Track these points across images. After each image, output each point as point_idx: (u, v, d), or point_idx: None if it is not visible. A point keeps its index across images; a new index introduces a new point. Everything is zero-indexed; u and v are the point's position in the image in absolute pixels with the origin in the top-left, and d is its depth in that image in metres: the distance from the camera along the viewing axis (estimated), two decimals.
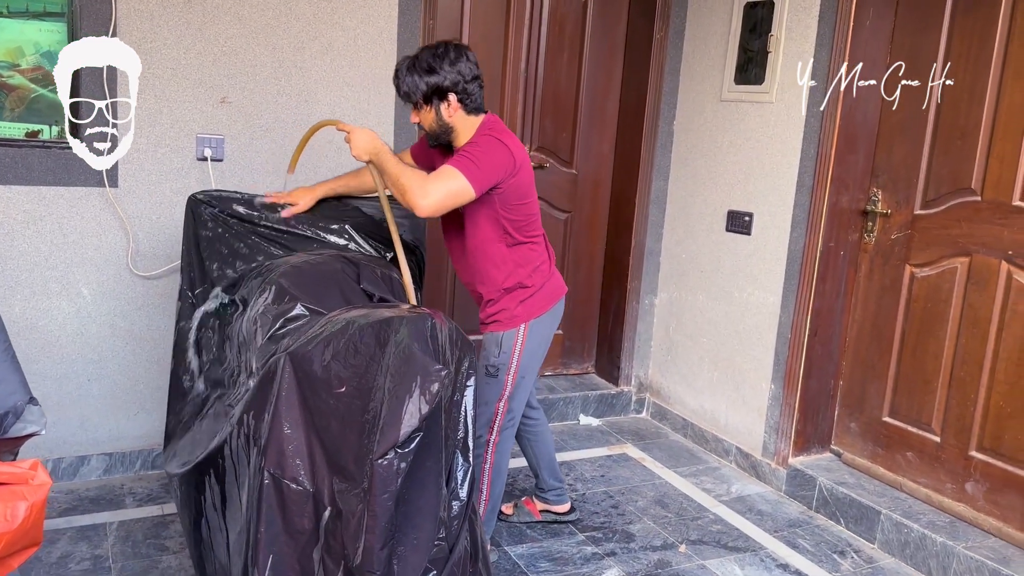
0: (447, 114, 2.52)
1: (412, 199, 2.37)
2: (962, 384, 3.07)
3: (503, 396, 2.68)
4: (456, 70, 2.48)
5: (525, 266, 2.64)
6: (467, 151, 2.45)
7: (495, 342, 2.66)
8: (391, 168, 2.42)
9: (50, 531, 2.82)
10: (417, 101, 2.51)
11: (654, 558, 2.95)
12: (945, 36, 3.09)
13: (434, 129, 2.55)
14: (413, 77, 2.48)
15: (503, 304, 2.65)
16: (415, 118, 2.57)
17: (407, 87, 2.50)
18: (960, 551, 2.85)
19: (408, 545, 1.81)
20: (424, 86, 2.48)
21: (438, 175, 2.40)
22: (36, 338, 3.04)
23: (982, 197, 3.01)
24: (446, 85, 2.47)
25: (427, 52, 2.50)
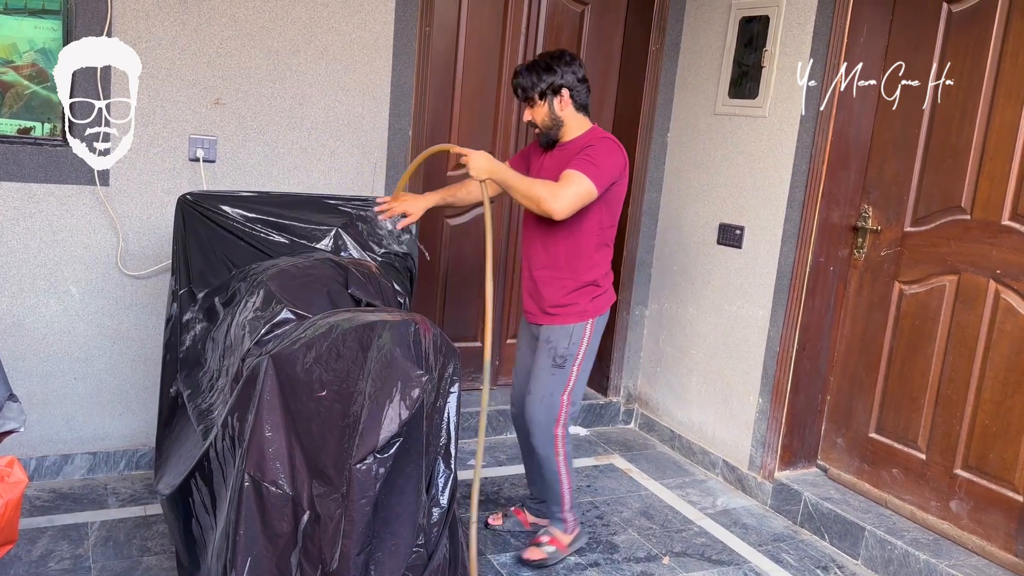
0: (559, 108, 2.76)
1: (547, 206, 2.59)
2: (948, 402, 3.07)
3: (568, 388, 2.83)
4: (570, 70, 2.77)
5: (602, 267, 2.85)
6: (587, 155, 2.68)
7: (565, 334, 2.81)
8: (518, 183, 2.64)
9: (31, 529, 2.81)
10: (532, 97, 2.76)
11: (637, 570, 2.95)
12: (938, 54, 3.11)
13: (547, 123, 2.79)
14: (533, 76, 2.75)
15: (575, 298, 2.81)
16: (528, 115, 2.81)
17: (528, 83, 2.75)
18: (943, 569, 2.85)
19: (386, 551, 1.80)
20: (542, 82, 2.74)
21: (566, 181, 2.62)
22: (23, 335, 3.03)
23: (972, 216, 3.02)
24: (561, 82, 2.74)
25: (546, 55, 2.79)
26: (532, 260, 2.86)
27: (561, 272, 2.81)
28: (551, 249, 2.81)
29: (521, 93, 2.79)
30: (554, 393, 2.82)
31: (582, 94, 2.80)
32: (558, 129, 2.80)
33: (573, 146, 2.78)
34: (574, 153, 2.73)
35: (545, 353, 2.83)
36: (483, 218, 2.65)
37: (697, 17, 3.93)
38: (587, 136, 2.79)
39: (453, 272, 4.05)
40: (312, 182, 3.38)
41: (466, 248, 4.05)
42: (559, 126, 2.80)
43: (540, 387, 2.83)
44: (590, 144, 2.72)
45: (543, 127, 2.81)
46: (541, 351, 2.84)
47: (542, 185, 2.62)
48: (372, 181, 3.49)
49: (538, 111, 2.78)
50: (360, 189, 3.46)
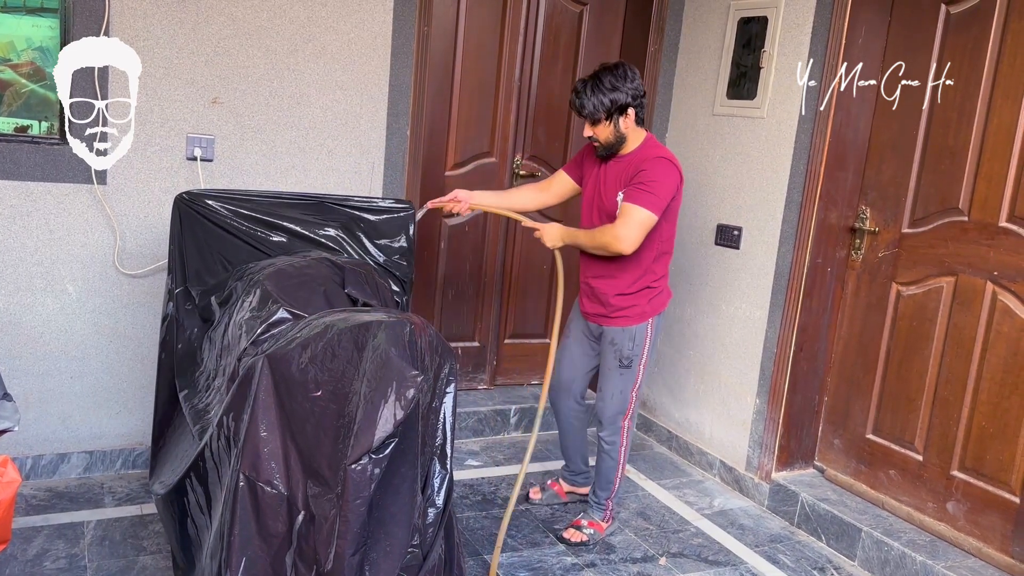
0: (624, 126, 2.84)
1: (616, 249, 2.78)
2: (946, 403, 3.07)
3: (636, 385, 3.04)
4: (634, 87, 2.82)
5: (658, 272, 2.99)
6: (641, 182, 2.77)
7: (628, 336, 2.98)
8: (587, 239, 2.87)
9: (27, 528, 2.80)
10: (599, 117, 2.82)
11: (634, 570, 2.95)
12: (936, 55, 3.11)
13: (610, 140, 2.87)
14: (598, 96, 2.79)
15: (634, 301, 2.95)
16: (590, 132, 2.88)
17: (592, 106, 2.80)
18: (940, 570, 2.85)
19: (380, 551, 1.80)
20: (608, 103, 2.80)
21: (626, 218, 2.77)
22: (19, 334, 3.03)
23: (969, 217, 3.02)
24: (626, 101, 2.81)
25: (607, 73, 2.81)
26: (588, 269, 3.01)
27: (617, 278, 2.94)
28: (610, 262, 2.93)
29: (588, 115, 2.83)
30: (624, 391, 3.03)
31: (642, 109, 2.88)
32: (620, 145, 2.89)
33: (632, 159, 2.88)
34: (632, 167, 2.84)
35: (611, 354, 3.00)
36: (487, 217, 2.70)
37: (696, 18, 3.93)
38: (644, 150, 2.88)
39: (450, 272, 4.05)
40: (310, 181, 3.38)
41: (464, 249, 4.05)
42: (622, 142, 2.88)
43: (611, 385, 3.03)
44: (644, 166, 2.80)
45: (606, 144, 2.88)
46: (607, 352, 3.02)
47: (602, 232, 2.81)
48: (370, 180, 3.49)
49: (603, 130, 2.85)
50: (358, 188, 3.46)
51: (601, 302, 2.98)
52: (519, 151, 4.07)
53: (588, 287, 3.02)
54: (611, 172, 2.92)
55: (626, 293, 2.94)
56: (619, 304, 2.95)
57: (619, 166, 2.90)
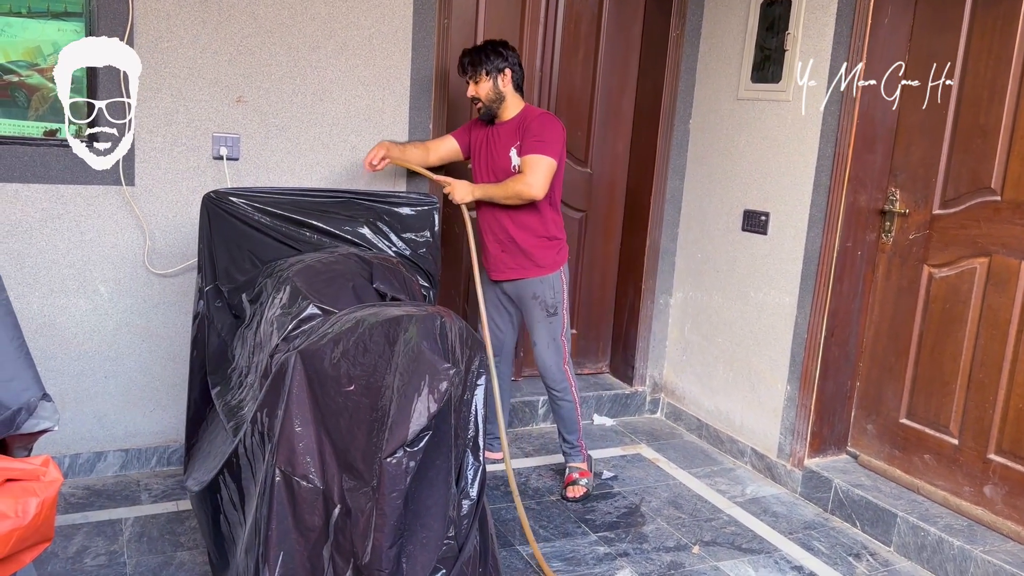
0: (503, 84, 3.17)
1: (528, 195, 3.08)
2: (981, 386, 3.03)
3: (564, 330, 3.29)
4: (512, 54, 3.21)
5: (558, 222, 3.28)
6: (536, 136, 3.09)
7: (548, 285, 3.25)
8: (497, 191, 3.14)
9: (67, 526, 2.85)
10: (480, 75, 3.15)
11: (667, 559, 2.94)
12: (965, 33, 3.05)
13: (490, 97, 3.18)
14: (480, 57, 3.15)
15: (543, 251, 3.24)
16: (473, 91, 3.19)
17: (475, 65, 3.14)
18: (978, 555, 2.82)
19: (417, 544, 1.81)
20: (488, 62, 3.15)
21: (531, 166, 3.08)
22: (54, 335, 3.07)
23: (1002, 197, 2.97)
24: (504, 65, 3.16)
25: (490, 43, 3.20)
26: (505, 227, 3.23)
27: (524, 231, 3.21)
28: (511, 212, 3.20)
29: (471, 74, 3.17)
30: (556, 337, 3.28)
31: (518, 75, 3.21)
32: (499, 104, 3.19)
33: (517, 121, 3.19)
34: (520, 126, 3.16)
35: (537, 308, 3.27)
36: None
37: (718, 1, 3.89)
38: (527, 112, 3.21)
39: None
40: (334, 177, 3.39)
41: None
42: (501, 101, 3.19)
43: (543, 337, 3.29)
44: (532, 124, 3.12)
45: (487, 101, 3.19)
46: (531, 307, 3.27)
47: (510, 183, 3.11)
48: (394, 175, 3.49)
49: (482, 87, 3.17)
50: (382, 184, 3.47)
51: (522, 254, 3.22)
52: None
53: (505, 244, 3.23)
54: (499, 134, 3.21)
55: (542, 238, 3.22)
56: (537, 253, 3.22)
57: (505, 128, 3.20)
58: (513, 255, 3.24)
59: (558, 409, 3.37)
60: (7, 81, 2.93)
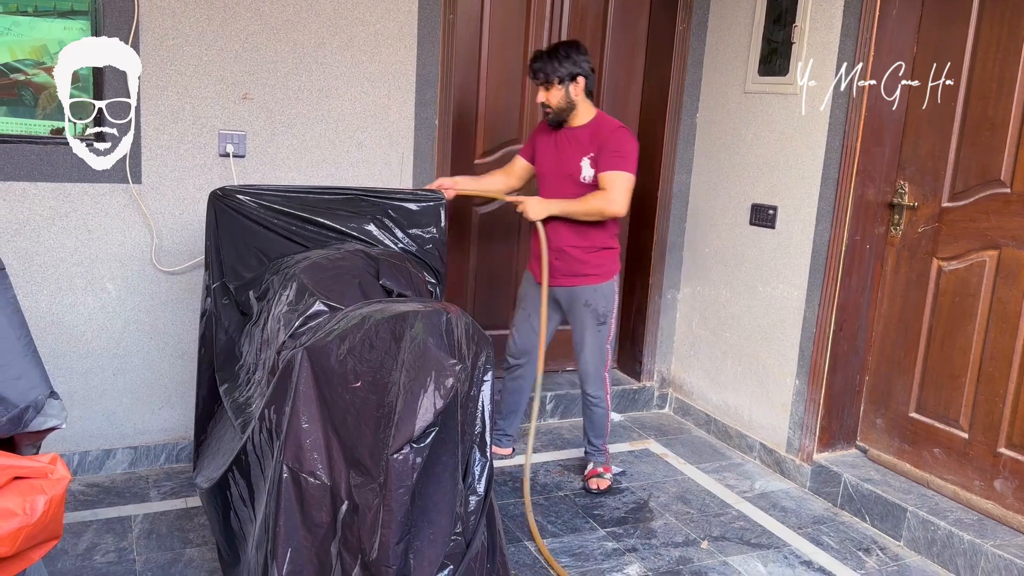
0: (574, 93, 3.12)
1: (609, 213, 3.09)
2: (991, 380, 3.01)
3: (610, 338, 3.33)
4: (585, 60, 3.13)
5: (615, 232, 3.28)
6: (616, 152, 3.08)
7: (602, 295, 3.25)
8: (575, 207, 3.11)
9: (76, 523, 2.86)
10: (552, 82, 3.10)
11: (676, 554, 2.94)
12: (973, 25, 3.03)
13: (560, 106, 3.14)
14: (553, 63, 3.08)
15: (600, 259, 3.23)
16: (543, 97, 3.15)
17: (547, 71, 3.09)
18: (988, 549, 2.80)
19: (424, 540, 1.81)
20: (562, 69, 3.08)
21: (612, 183, 3.07)
22: (62, 333, 3.08)
23: (1012, 189, 2.95)
24: (578, 71, 3.10)
25: (563, 46, 3.13)
26: (562, 236, 3.19)
27: (583, 240, 3.19)
28: (578, 228, 3.18)
29: (543, 79, 3.11)
30: (602, 346, 3.29)
31: (591, 82, 3.16)
32: (570, 111, 3.14)
33: (589, 129, 3.15)
34: (593, 136, 3.12)
35: (588, 315, 3.24)
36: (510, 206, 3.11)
37: None
38: (600, 121, 3.17)
39: (482, 261, 4.05)
40: (341, 174, 3.39)
41: (495, 237, 4.05)
42: (571, 109, 3.14)
43: (591, 343, 3.28)
44: (611, 136, 3.10)
45: (557, 109, 3.14)
46: (582, 314, 3.25)
47: (592, 199, 3.09)
48: (400, 171, 3.49)
49: (554, 94, 3.12)
50: (388, 180, 3.47)
51: (578, 262, 3.20)
52: None
53: (562, 252, 3.20)
54: (569, 140, 3.18)
55: (600, 248, 3.21)
56: (594, 262, 3.21)
57: (576, 135, 3.17)
58: (569, 263, 3.21)
59: (591, 414, 3.38)
60: (14, 80, 2.94)
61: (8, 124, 2.94)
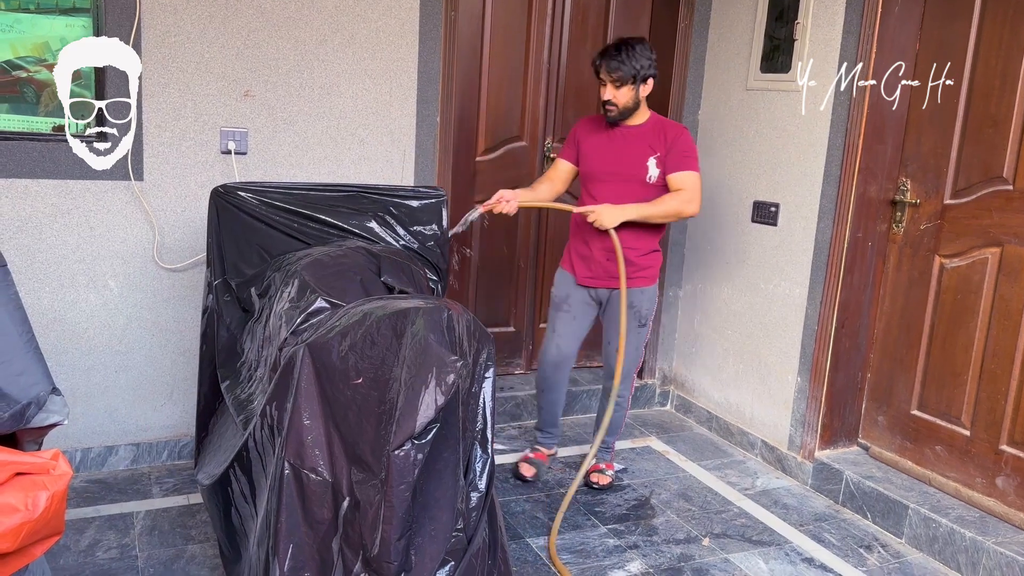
0: (643, 93, 3.07)
1: (688, 213, 3.10)
2: (993, 377, 3.01)
3: (646, 341, 3.34)
4: (654, 61, 3.07)
5: (661, 234, 3.25)
6: (684, 153, 3.08)
7: (647, 297, 3.22)
8: (652, 210, 3.06)
9: (79, 519, 2.86)
10: (627, 81, 3.00)
11: (677, 551, 2.94)
12: (976, 22, 3.02)
13: (627, 106, 3.06)
14: (632, 61, 3.00)
15: (650, 262, 3.20)
16: (611, 94, 3.04)
17: (625, 69, 2.99)
18: (990, 546, 2.80)
19: (425, 536, 1.81)
20: (639, 68, 3.01)
21: (690, 185, 3.07)
22: (64, 330, 3.09)
23: (1014, 186, 2.94)
24: (651, 72, 3.05)
25: (638, 43, 3.05)
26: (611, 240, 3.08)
27: (642, 243, 3.15)
28: (634, 229, 3.11)
29: (618, 77, 3.00)
30: (639, 347, 3.28)
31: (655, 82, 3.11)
32: (633, 112, 3.08)
33: (651, 129, 3.11)
34: (652, 138, 3.09)
35: (631, 317, 3.17)
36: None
37: None
38: (660, 121, 3.14)
39: (484, 258, 4.05)
40: (342, 171, 3.39)
41: (497, 233, 4.05)
42: (635, 110, 3.09)
43: (629, 345, 3.20)
44: (677, 136, 3.08)
45: (623, 109, 3.06)
46: (625, 315, 3.12)
47: (672, 200, 3.07)
48: (402, 168, 3.49)
49: (624, 94, 3.03)
50: (390, 177, 3.47)
51: (629, 264, 3.11)
52: (550, 134, 4.04)
53: (613, 252, 3.10)
54: (628, 139, 3.11)
55: (648, 252, 3.17)
56: (643, 263, 3.16)
57: (636, 134, 3.11)
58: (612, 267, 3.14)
59: (612, 413, 3.27)
60: (16, 77, 2.94)
61: (10, 121, 2.94)
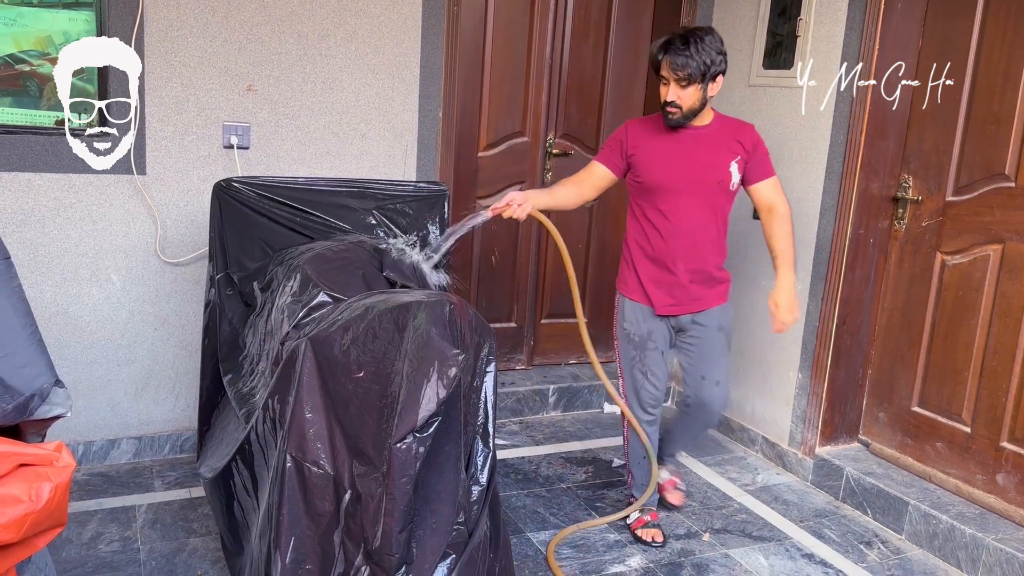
0: (711, 93, 2.67)
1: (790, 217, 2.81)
2: (994, 374, 3.01)
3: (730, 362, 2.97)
4: (725, 54, 2.68)
5: None
6: (766, 156, 2.80)
7: (730, 315, 2.91)
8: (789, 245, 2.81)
9: (81, 512, 2.87)
10: (696, 80, 2.61)
11: (677, 547, 2.94)
12: (979, 19, 3.02)
13: (693, 108, 2.67)
14: (702, 56, 2.59)
15: (726, 276, 2.88)
16: (675, 95, 2.64)
17: (695, 66, 2.59)
18: (990, 543, 2.81)
19: (427, 528, 1.82)
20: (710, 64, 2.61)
21: (780, 192, 2.81)
22: (67, 323, 3.10)
23: (1016, 183, 2.94)
24: (722, 68, 2.66)
25: (707, 34, 2.63)
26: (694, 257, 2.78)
27: (718, 257, 2.84)
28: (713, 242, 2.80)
29: (686, 75, 2.60)
30: (728, 371, 2.93)
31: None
32: (698, 113, 2.69)
33: (724, 130, 2.76)
34: (727, 140, 2.74)
35: (721, 339, 2.85)
36: None
37: None
38: (727, 120, 2.80)
39: (485, 253, 4.05)
40: (344, 166, 3.40)
41: (498, 229, 4.05)
42: (702, 110, 2.69)
43: (721, 371, 2.87)
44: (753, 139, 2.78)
45: (687, 111, 2.67)
46: (715, 339, 2.83)
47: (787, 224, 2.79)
48: (403, 163, 3.49)
49: (691, 94, 2.63)
50: (391, 172, 3.47)
51: (713, 281, 2.81)
52: (552, 130, 4.05)
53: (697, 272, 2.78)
54: (700, 143, 2.73)
55: (722, 263, 2.87)
56: (722, 276, 2.85)
57: (707, 136, 2.74)
58: (704, 283, 2.80)
59: (702, 433, 3.11)
60: (19, 70, 2.94)
61: (13, 115, 2.95)
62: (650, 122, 2.82)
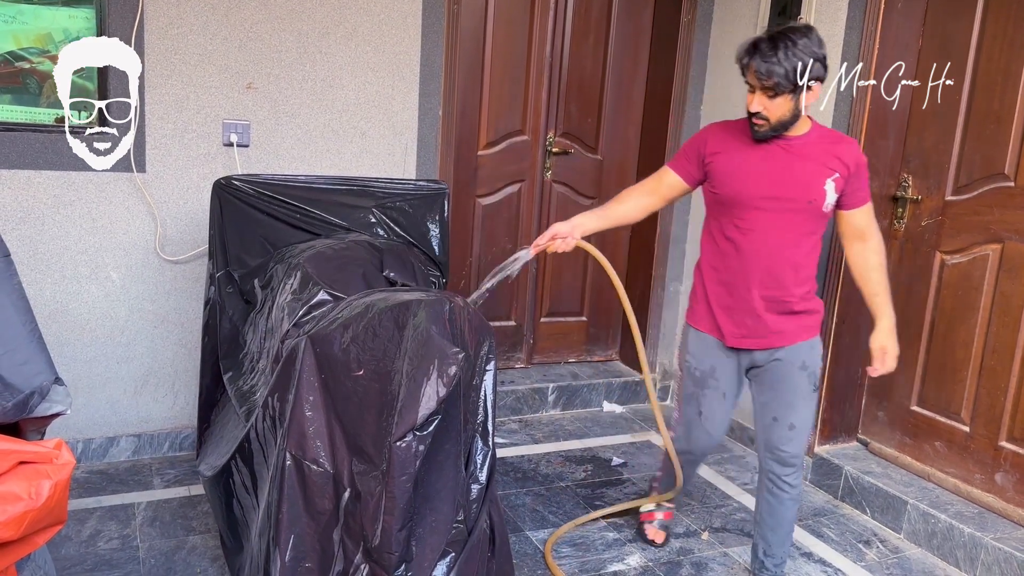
0: (808, 102, 2.27)
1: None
2: (993, 373, 3.02)
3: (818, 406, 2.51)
4: (825, 56, 2.25)
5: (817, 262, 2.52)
6: (866, 179, 2.39)
7: (817, 352, 2.48)
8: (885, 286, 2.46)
9: (80, 510, 2.87)
10: (786, 89, 2.21)
11: (676, 545, 2.95)
12: (979, 19, 3.02)
13: (783, 120, 2.28)
14: (792, 61, 2.18)
15: (813, 306, 2.46)
16: (760, 106, 2.26)
17: (783, 73, 2.19)
18: (988, 542, 2.81)
19: (426, 527, 1.82)
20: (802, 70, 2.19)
21: (874, 224, 2.44)
22: (66, 321, 3.10)
23: (1016, 183, 2.94)
24: (820, 73, 2.23)
25: (799, 35, 2.20)
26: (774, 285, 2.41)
27: (805, 282, 2.44)
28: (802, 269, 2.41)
29: (773, 84, 2.21)
30: (813, 417, 2.52)
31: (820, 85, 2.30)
32: (790, 126, 2.30)
33: (810, 144, 2.34)
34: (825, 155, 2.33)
35: (804, 380, 2.44)
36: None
37: None
38: (827, 131, 2.40)
39: (485, 252, 4.05)
40: (344, 164, 3.40)
41: (498, 228, 4.05)
42: (794, 123, 2.30)
43: (805, 417, 2.47)
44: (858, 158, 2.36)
45: (776, 124, 2.28)
46: (797, 379, 2.44)
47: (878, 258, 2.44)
48: (403, 162, 3.49)
49: (780, 105, 2.24)
50: (391, 170, 3.47)
51: (792, 313, 2.42)
52: (552, 128, 4.05)
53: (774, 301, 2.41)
54: (793, 156, 2.33)
55: (811, 292, 2.44)
56: (810, 307, 2.45)
57: (802, 147, 2.34)
58: (783, 314, 2.42)
59: (777, 504, 2.53)
60: (19, 68, 2.94)
61: (13, 112, 2.95)
62: (735, 127, 2.45)
